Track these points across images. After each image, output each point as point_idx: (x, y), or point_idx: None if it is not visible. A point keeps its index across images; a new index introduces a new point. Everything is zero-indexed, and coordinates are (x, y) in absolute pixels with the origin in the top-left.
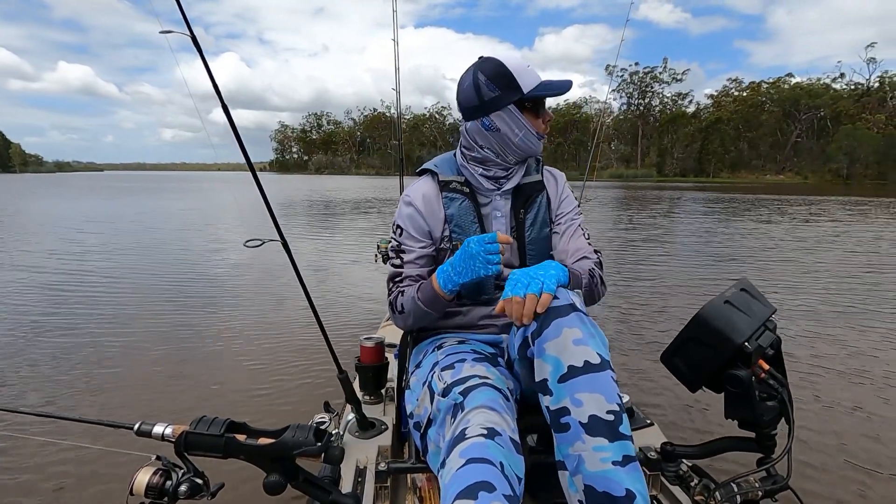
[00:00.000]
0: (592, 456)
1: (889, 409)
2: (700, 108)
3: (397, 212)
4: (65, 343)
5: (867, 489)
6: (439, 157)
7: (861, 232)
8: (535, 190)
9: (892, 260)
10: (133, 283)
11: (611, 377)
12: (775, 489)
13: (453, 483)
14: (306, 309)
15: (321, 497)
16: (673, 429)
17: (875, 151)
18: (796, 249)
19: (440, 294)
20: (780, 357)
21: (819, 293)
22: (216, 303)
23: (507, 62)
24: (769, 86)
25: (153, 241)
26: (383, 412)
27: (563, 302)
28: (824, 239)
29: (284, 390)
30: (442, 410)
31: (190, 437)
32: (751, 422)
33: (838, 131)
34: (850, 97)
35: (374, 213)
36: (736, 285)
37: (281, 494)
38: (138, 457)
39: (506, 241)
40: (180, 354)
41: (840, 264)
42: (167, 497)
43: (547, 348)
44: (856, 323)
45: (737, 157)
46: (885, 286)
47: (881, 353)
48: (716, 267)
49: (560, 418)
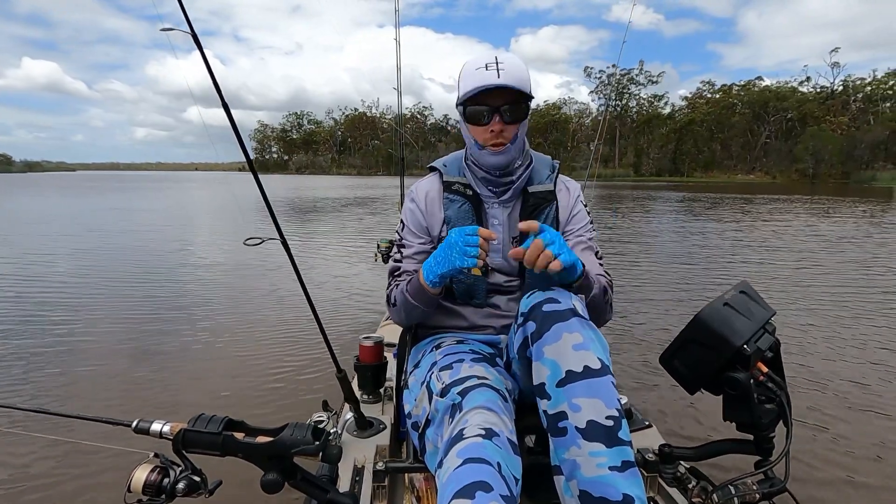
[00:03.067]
0: (588, 461)
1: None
2: (675, 110)
3: (403, 206)
4: (65, 342)
5: (866, 490)
6: (450, 155)
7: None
8: (544, 200)
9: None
10: (131, 282)
11: (611, 382)
12: (773, 492)
13: (450, 483)
14: (305, 308)
15: (319, 496)
16: (671, 430)
17: (839, 152)
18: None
19: (424, 286)
20: (779, 360)
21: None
22: (216, 302)
23: (467, 62)
24: (740, 88)
25: (147, 241)
26: (382, 411)
27: (563, 306)
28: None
29: (283, 389)
30: (440, 411)
31: (188, 434)
32: (749, 424)
33: (804, 133)
34: (815, 100)
35: (368, 211)
36: (735, 288)
37: (278, 493)
38: (136, 454)
39: (488, 236)
40: (178, 353)
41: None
42: (165, 494)
43: (545, 352)
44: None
45: (710, 158)
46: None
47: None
48: (698, 265)
49: (557, 423)
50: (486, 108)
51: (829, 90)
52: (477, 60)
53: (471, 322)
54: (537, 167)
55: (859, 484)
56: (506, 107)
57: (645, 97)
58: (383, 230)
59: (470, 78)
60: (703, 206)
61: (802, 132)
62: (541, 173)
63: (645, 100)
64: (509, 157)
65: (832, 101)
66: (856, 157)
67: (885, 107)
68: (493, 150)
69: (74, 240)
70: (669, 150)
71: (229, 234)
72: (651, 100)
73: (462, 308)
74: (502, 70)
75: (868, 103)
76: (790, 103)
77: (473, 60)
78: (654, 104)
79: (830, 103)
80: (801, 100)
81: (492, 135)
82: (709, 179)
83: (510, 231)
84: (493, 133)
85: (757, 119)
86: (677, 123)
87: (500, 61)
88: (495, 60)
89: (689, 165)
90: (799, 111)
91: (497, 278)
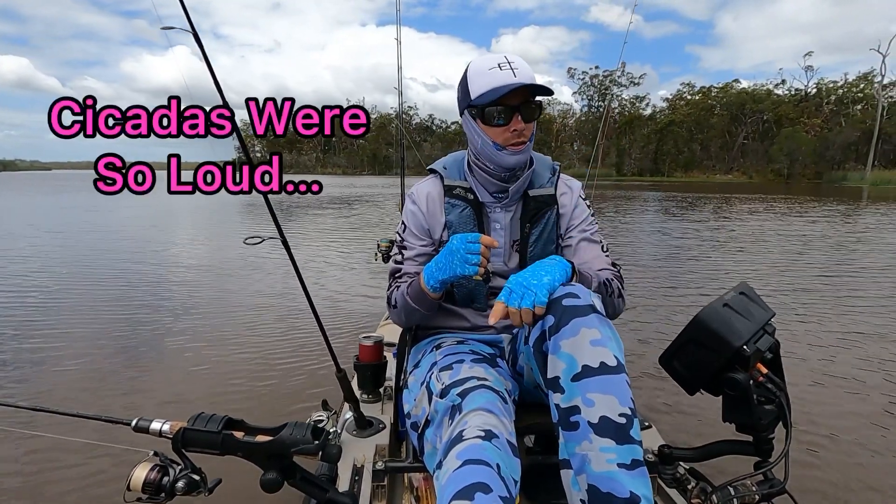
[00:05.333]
0: (599, 456)
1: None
2: (656, 111)
3: (404, 208)
4: (67, 341)
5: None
6: (451, 156)
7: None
8: (545, 204)
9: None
10: (128, 282)
11: (625, 381)
12: (772, 493)
13: (450, 484)
14: (305, 307)
15: (318, 495)
16: (670, 431)
17: (812, 153)
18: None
19: (425, 291)
20: (779, 361)
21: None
22: (215, 301)
23: (473, 64)
24: (718, 90)
25: (137, 241)
26: (381, 411)
27: (583, 302)
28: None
29: (282, 388)
30: (440, 411)
31: (187, 433)
32: (748, 425)
33: (779, 134)
34: (790, 102)
35: (359, 210)
36: (735, 289)
37: (278, 492)
38: (136, 452)
39: (489, 243)
40: (177, 352)
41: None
42: (164, 493)
43: (563, 345)
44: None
45: (689, 158)
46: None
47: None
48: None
49: (569, 416)
50: (505, 108)
51: (803, 93)
52: (486, 61)
53: (472, 322)
54: (538, 169)
55: (859, 485)
56: (524, 106)
57: (627, 98)
58: (380, 229)
59: (483, 79)
60: (681, 205)
61: (778, 133)
62: (542, 176)
63: (627, 101)
64: (528, 156)
65: (806, 103)
66: (828, 157)
67: (855, 109)
68: (513, 150)
69: (72, 240)
70: (651, 151)
71: (225, 234)
72: (633, 101)
73: (463, 309)
74: (516, 69)
75: (840, 105)
76: (766, 105)
77: (481, 61)
78: (635, 105)
79: (804, 105)
80: (777, 102)
81: (513, 134)
82: (689, 179)
83: (511, 235)
84: (515, 133)
85: (734, 120)
86: (658, 124)
87: (511, 60)
88: (507, 60)
89: (669, 165)
90: (774, 113)
91: (498, 282)
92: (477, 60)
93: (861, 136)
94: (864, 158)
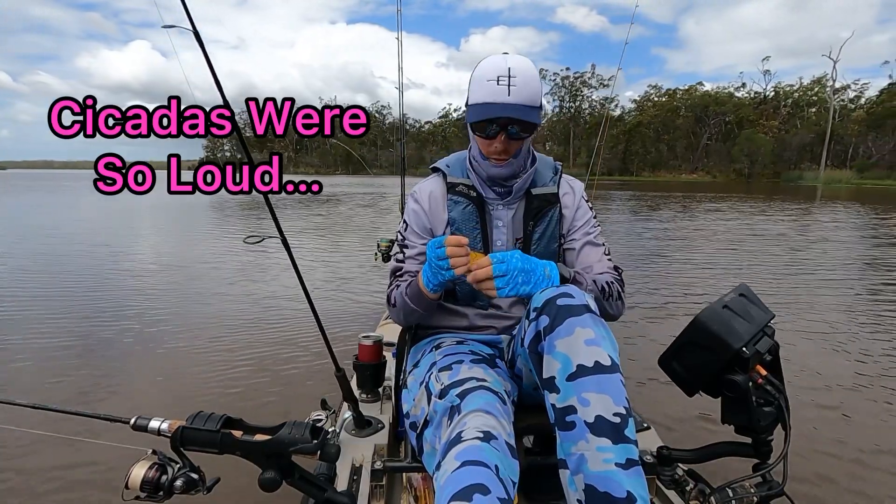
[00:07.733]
0: (595, 456)
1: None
2: (624, 112)
3: (406, 206)
4: (66, 341)
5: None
6: (453, 155)
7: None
8: (548, 202)
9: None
10: (125, 280)
11: (620, 380)
12: (771, 495)
13: (448, 485)
14: (304, 306)
15: (316, 495)
16: (669, 432)
17: (770, 153)
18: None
19: (424, 291)
20: (778, 363)
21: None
22: (214, 300)
23: (480, 66)
24: (683, 93)
25: (129, 240)
26: (380, 411)
27: (577, 301)
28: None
29: (281, 387)
30: (439, 412)
31: (186, 432)
32: (747, 427)
33: (740, 135)
34: (750, 104)
35: (350, 207)
36: (735, 290)
37: (276, 491)
38: (134, 451)
39: (457, 242)
40: (176, 351)
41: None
42: (163, 492)
43: (557, 345)
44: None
45: (657, 158)
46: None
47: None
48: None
49: (565, 416)
50: (491, 124)
51: (762, 96)
52: (490, 68)
53: (472, 322)
54: (540, 169)
55: (860, 485)
56: (512, 125)
57: (597, 99)
58: (378, 228)
59: (481, 89)
60: (649, 203)
61: (739, 135)
62: (544, 175)
63: (597, 102)
64: (511, 170)
65: (765, 105)
66: (785, 158)
67: (810, 112)
68: (496, 163)
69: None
70: (619, 151)
71: (221, 233)
72: (603, 102)
73: (464, 308)
74: (514, 86)
75: (796, 108)
76: (728, 107)
77: (486, 67)
78: (605, 106)
79: (763, 108)
80: (738, 104)
81: (495, 149)
82: (656, 178)
83: (514, 232)
84: (496, 149)
85: (699, 122)
86: (626, 125)
87: (513, 74)
88: (507, 73)
89: (637, 165)
90: (736, 115)
91: None
92: (484, 64)
93: (815, 138)
94: (818, 159)
